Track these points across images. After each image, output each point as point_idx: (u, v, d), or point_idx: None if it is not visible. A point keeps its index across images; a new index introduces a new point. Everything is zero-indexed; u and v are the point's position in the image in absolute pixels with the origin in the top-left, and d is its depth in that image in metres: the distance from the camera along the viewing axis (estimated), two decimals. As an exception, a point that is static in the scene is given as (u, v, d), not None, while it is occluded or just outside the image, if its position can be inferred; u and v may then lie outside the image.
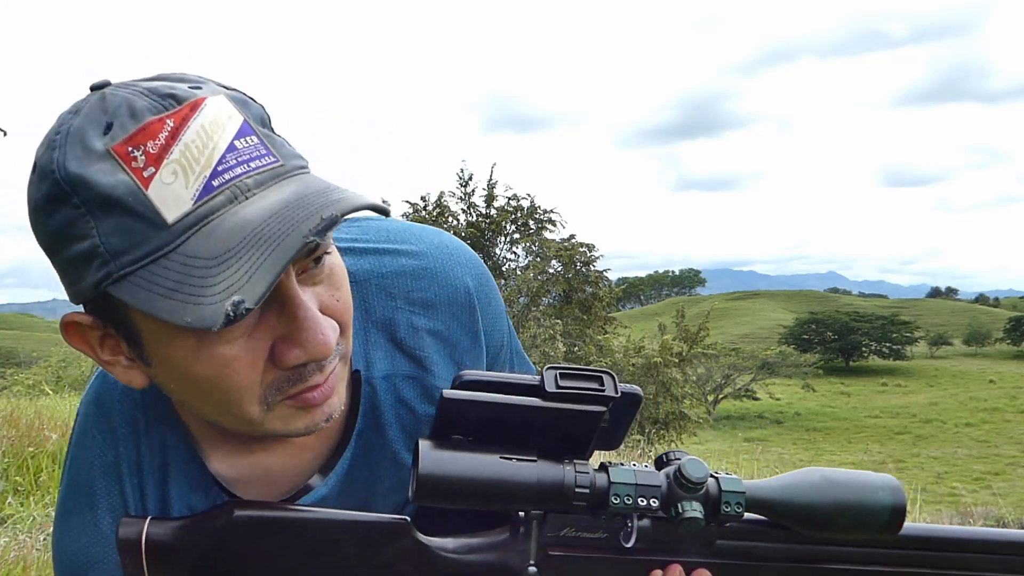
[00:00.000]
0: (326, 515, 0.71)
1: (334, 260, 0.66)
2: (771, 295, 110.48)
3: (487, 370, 0.82)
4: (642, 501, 0.68)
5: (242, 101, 0.61)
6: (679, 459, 0.71)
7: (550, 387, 0.67)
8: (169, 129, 0.56)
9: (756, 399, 39.11)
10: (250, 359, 0.61)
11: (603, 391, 0.67)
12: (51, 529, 2.27)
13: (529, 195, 16.31)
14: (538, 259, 15.59)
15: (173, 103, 0.57)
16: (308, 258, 0.62)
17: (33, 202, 0.61)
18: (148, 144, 0.55)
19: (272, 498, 0.76)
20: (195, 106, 0.57)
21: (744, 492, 0.71)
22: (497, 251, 16.30)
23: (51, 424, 3.16)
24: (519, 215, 16.18)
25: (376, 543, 0.71)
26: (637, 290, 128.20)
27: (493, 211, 16.13)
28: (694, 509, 0.69)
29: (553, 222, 16.21)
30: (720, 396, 37.88)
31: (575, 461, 0.69)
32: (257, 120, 0.61)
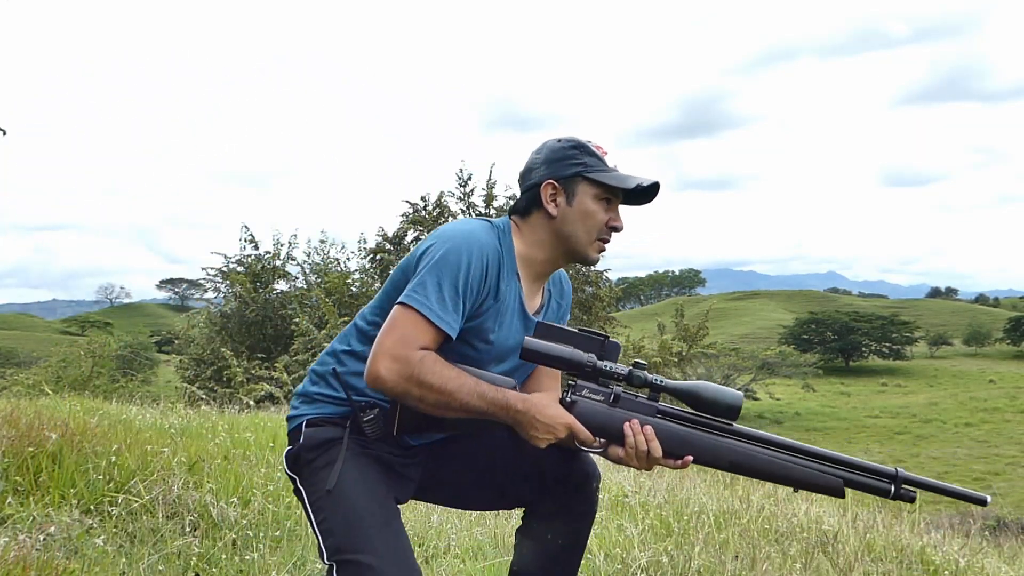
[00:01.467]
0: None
1: None
2: (771, 295, 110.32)
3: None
4: (617, 370, 1.60)
5: None
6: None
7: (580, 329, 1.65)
8: (607, 152, 1.74)
9: (756, 399, 39.03)
10: (603, 216, 1.71)
11: (602, 335, 1.63)
12: (51, 529, 2.24)
13: (528, 195, 16.28)
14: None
15: (604, 148, 1.76)
16: (619, 203, 1.75)
17: (555, 143, 1.73)
18: (601, 150, 1.74)
19: (530, 310, 1.76)
20: (608, 152, 1.76)
21: (661, 378, 1.61)
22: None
23: (51, 424, 3.16)
24: (519, 215, 16.16)
25: (504, 386, 1.62)
26: (637, 290, 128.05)
27: (492, 211, 16.09)
28: (640, 373, 1.60)
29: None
30: (720, 396, 37.79)
31: (592, 354, 1.60)
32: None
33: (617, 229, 1.73)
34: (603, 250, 1.75)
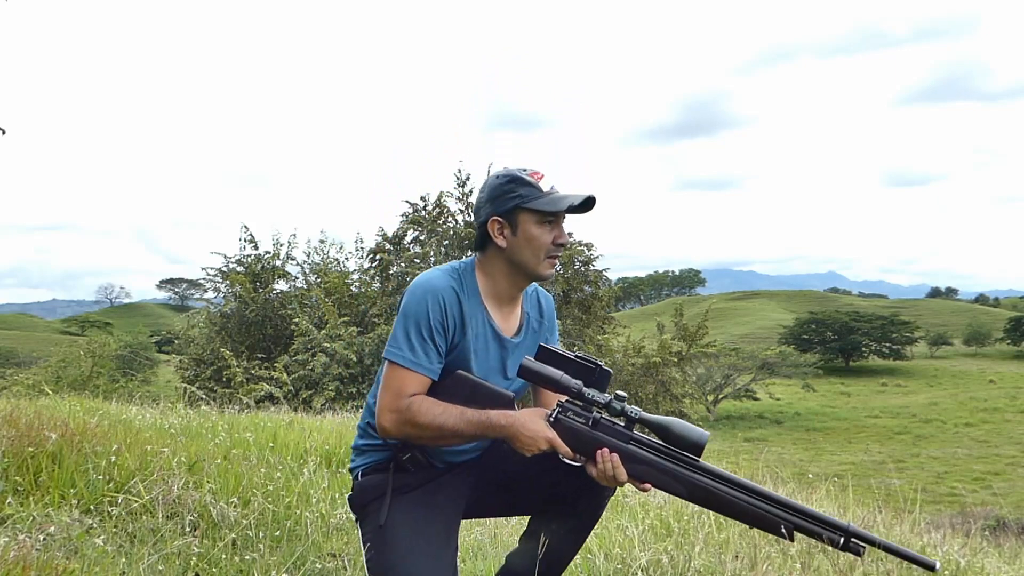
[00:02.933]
0: (487, 385, 1.93)
1: None
2: (771, 295, 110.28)
3: None
4: (598, 399, 1.80)
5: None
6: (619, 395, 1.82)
7: (572, 355, 1.85)
8: (542, 175, 1.93)
9: (756, 399, 39.02)
10: (548, 237, 1.92)
11: (596, 363, 1.82)
12: (51, 529, 2.23)
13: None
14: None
15: (540, 172, 1.94)
16: (564, 218, 1.96)
17: (494, 180, 1.94)
18: (537, 175, 1.92)
19: (507, 333, 1.99)
20: (537, 170, 1.95)
21: (637, 413, 1.80)
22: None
23: (51, 424, 3.15)
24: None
25: (503, 402, 1.89)
26: (637, 290, 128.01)
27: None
28: (618, 404, 1.80)
29: (552, 222, 16.17)
30: (720, 396, 37.85)
31: (580, 381, 1.81)
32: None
33: (563, 245, 1.97)
34: (555, 265, 1.98)
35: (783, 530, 1.73)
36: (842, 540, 1.70)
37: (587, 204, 1.90)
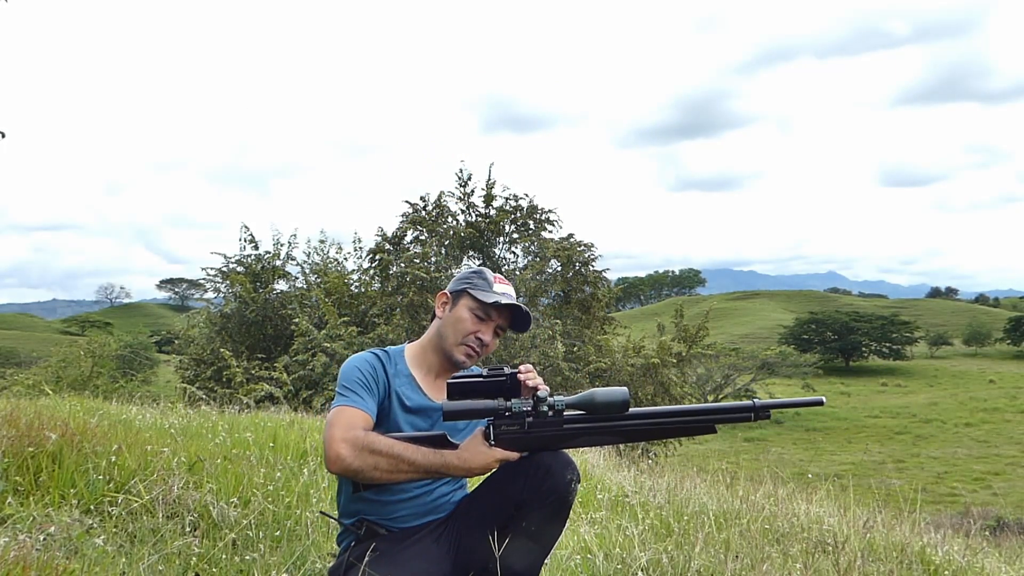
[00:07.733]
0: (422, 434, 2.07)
1: (498, 341, 2.25)
2: (771, 295, 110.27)
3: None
4: (524, 408, 1.96)
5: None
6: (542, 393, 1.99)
7: (486, 373, 2.00)
8: (501, 278, 2.24)
9: (756, 399, 38.98)
10: (473, 327, 2.17)
11: (504, 373, 1.98)
12: (51, 529, 2.24)
13: (527, 195, 16.24)
14: (536, 259, 15.55)
15: (504, 279, 2.26)
16: (498, 329, 2.22)
17: (463, 274, 2.27)
18: (499, 279, 2.24)
19: (435, 398, 2.18)
20: (505, 279, 2.25)
21: (561, 403, 1.96)
22: (496, 251, 16.26)
23: (51, 424, 3.15)
24: (518, 215, 16.13)
25: (439, 441, 2.00)
26: (637, 290, 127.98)
27: (492, 211, 16.07)
28: (542, 406, 1.96)
29: (552, 222, 16.17)
30: (720, 396, 37.85)
31: (501, 399, 1.95)
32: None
33: (482, 342, 2.17)
34: (470, 355, 2.17)
35: (709, 428, 2.07)
36: (753, 415, 2.04)
37: (519, 315, 2.17)
